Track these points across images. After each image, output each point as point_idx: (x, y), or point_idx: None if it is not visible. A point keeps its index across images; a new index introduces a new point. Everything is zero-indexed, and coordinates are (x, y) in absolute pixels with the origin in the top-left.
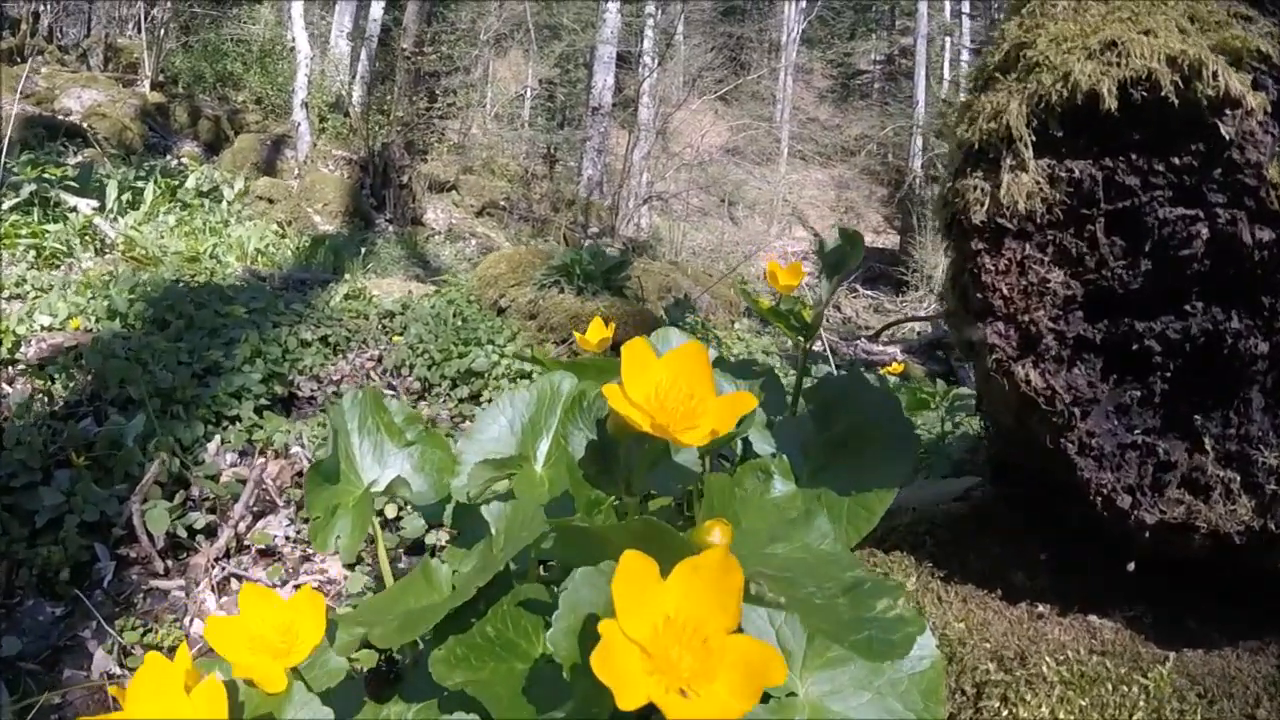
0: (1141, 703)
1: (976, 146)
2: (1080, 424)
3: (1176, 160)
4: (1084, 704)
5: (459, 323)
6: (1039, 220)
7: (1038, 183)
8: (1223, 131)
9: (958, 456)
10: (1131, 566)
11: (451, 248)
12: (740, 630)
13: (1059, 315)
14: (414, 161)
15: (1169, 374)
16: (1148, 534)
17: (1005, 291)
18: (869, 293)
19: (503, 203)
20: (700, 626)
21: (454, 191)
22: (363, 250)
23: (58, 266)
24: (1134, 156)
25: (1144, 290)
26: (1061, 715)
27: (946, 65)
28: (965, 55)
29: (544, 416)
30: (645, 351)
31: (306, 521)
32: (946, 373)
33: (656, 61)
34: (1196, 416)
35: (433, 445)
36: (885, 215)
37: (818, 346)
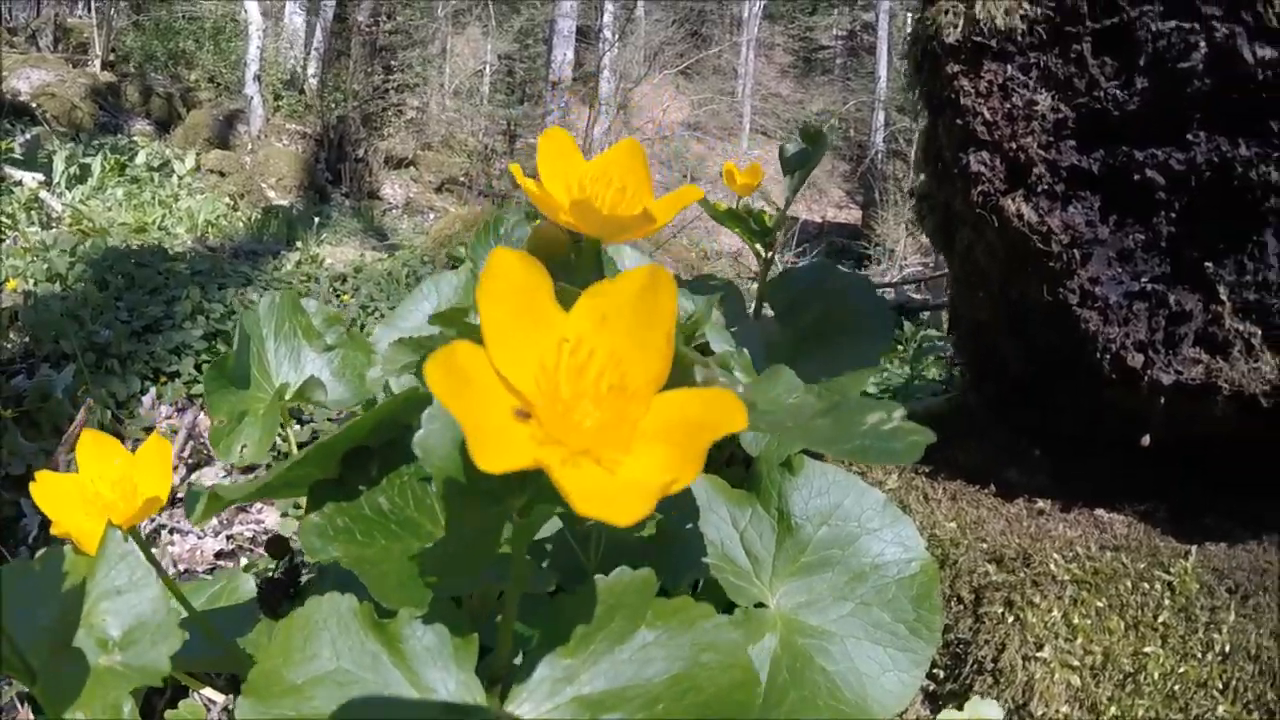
0: (1166, 601)
1: None
2: (1081, 270)
3: None
4: (1101, 605)
5: (412, 281)
6: (1020, 41)
7: None
8: None
9: (926, 400)
10: (1146, 440)
11: (410, 221)
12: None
13: (1050, 142)
14: (370, 136)
15: (1174, 214)
16: (1164, 400)
17: (987, 116)
18: None
19: (462, 178)
20: (614, 364)
21: (412, 167)
22: (316, 221)
23: (1, 241)
24: None
25: (1142, 114)
26: (1076, 619)
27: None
28: None
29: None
30: (567, 142)
31: (244, 473)
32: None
33: (617, 36)
34: (1208, 263)
35: (355, 349)
36: (847, 190)
37: None
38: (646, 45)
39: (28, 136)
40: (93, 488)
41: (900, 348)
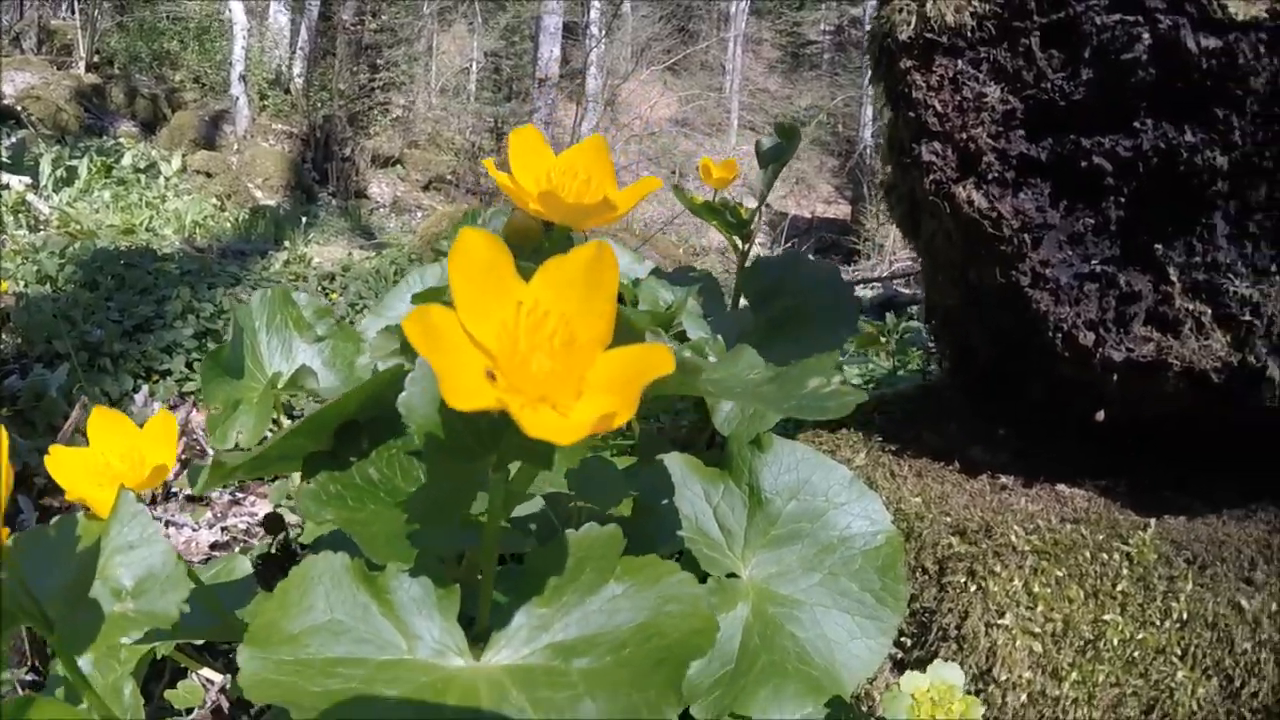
0: (1125, 571)
1: None
2: (1032, 253)
3: None
4: (1060, 574)
5: (399, 278)
6: (970, 36)
7: None
8: None
9: (901, 385)
10: (1101, 415)
11: (397, 220)
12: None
13: (999, 132)
14: (357, 135)
15: (1123, 198)
16: (1116, 377)
17: (939, 108)
18: None
19: (450, 176)
20: (564, 324)
21: (399, 166)
22: (304, 221)
23: None
24: None
25: (1088, 104)
26: (1036, 588)
27: None
28: None
29: None
30: (536, 138)
31: None
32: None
33: (603, 32)
34: (1157, 245)
35: (345, 339)
36: (836, 185)
37: None
38: (633, 41)
39: (13, 140)
40: (103, 459)
41: (884, 339)
